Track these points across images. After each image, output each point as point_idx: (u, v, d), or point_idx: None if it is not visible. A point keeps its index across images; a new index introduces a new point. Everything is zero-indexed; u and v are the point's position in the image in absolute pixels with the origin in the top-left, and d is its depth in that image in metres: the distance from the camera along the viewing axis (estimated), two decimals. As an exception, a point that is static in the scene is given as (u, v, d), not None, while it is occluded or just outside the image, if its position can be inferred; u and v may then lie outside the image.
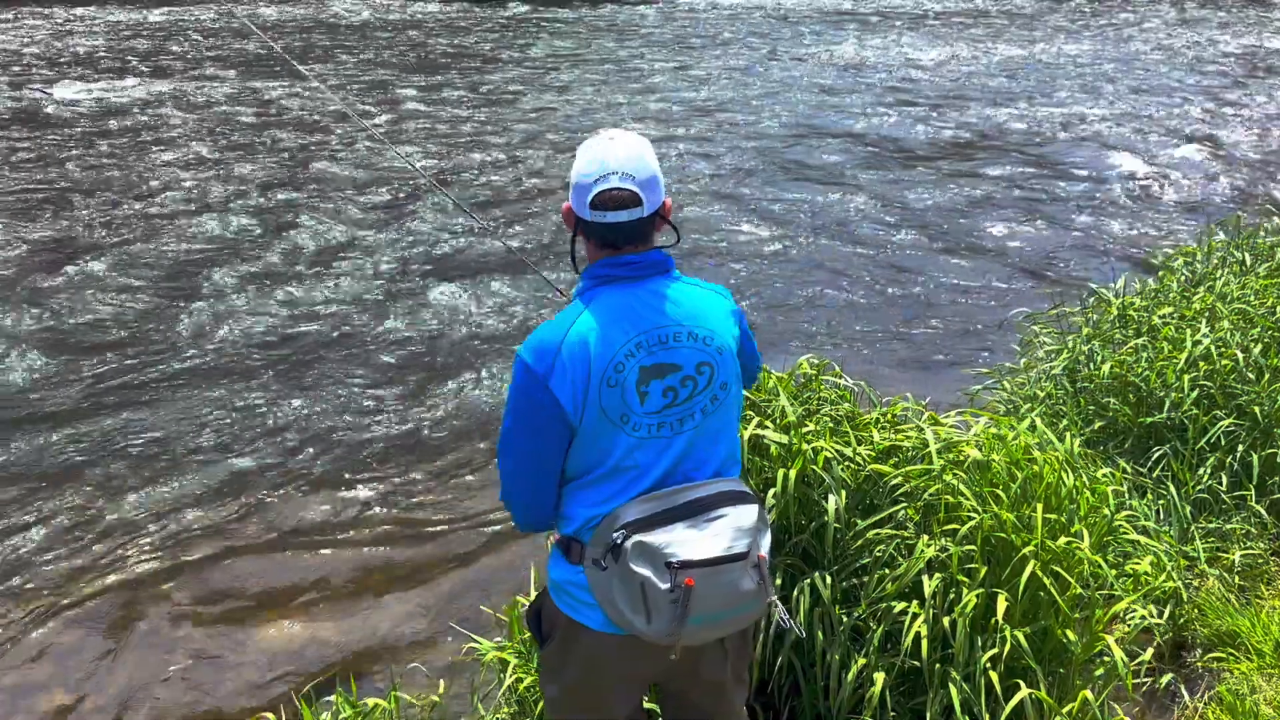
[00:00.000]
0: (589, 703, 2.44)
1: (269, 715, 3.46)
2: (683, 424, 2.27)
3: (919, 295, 8.48)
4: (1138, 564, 3.67)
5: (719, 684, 2.54)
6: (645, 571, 2.13)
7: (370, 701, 3.37)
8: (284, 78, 17.73)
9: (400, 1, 31.36)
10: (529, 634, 2.95)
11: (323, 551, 4.96)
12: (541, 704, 3.11)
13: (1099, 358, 4.95)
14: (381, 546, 5.00)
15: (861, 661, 3.08)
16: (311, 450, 5.86)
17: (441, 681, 3.87)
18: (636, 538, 2.14)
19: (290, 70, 17.43)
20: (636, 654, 2.32)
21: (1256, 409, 4.64)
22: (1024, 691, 2.98)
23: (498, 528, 5.07)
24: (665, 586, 2.11)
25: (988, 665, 3.01)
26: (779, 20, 29.73)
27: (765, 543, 2.28)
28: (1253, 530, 4.39)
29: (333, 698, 3.45)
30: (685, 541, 2.15)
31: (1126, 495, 4.10)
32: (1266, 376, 4.79)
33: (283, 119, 14.84)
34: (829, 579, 3.17)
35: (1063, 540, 3.24)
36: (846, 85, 18.79)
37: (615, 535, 2.16)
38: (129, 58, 19.93)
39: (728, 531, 2.19)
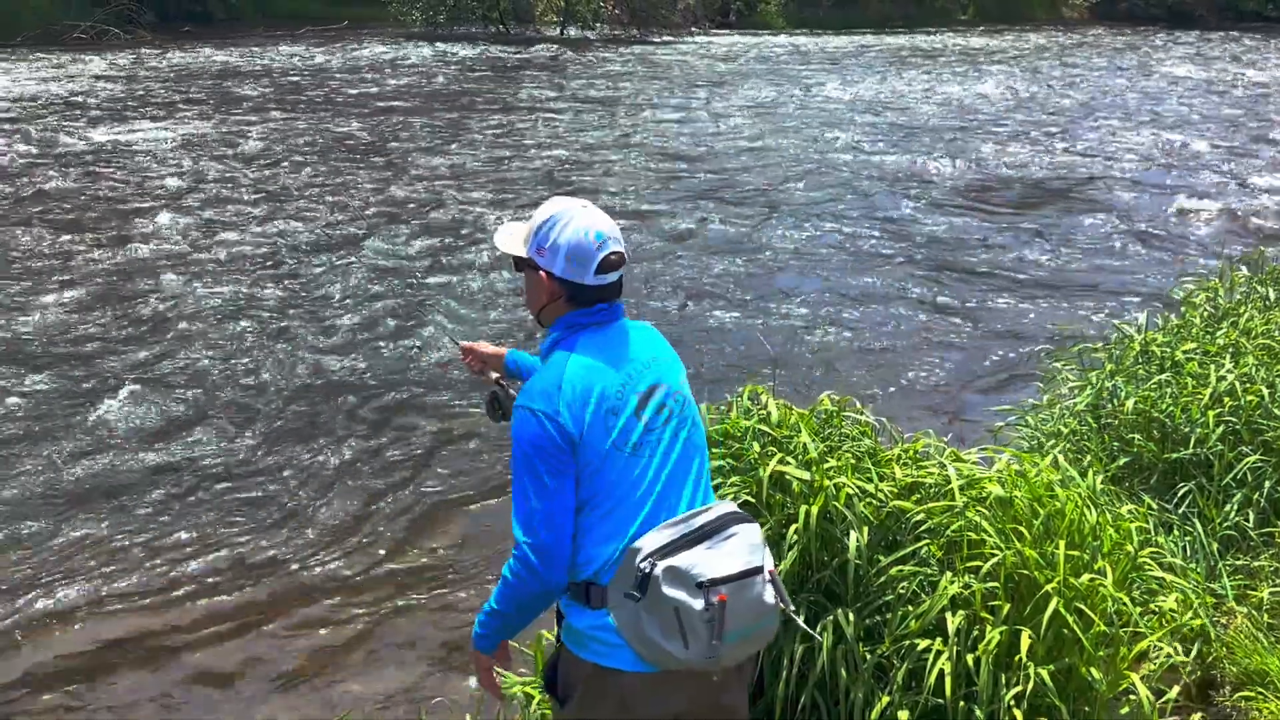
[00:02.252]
0: None
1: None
2: (677, 438, 2.38)
3: (940, 331, 8.45)
4: (1164, 601, 3.63)
5: (736, 717, 2.54)
6: (679, 595, 2.15)
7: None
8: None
9: (419, 48, 31.78)
10: (544, 692, 2.91)
11: (349, 595, 4.93)
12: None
13: (1122, 394, 4.91)
14: (406, 589, 4.97)
15: (885, 700, 3.05)
16: (333, 494, 5.85)
17: (467, 715, 3.88)
18: (665, 563, 2.17)
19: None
20: (667, 690, 2.33)
21: (1285, 446, 4.62)
22: (1049, 729, 2.97)
23: None
24: (700, 606, 2.14)
25: (1012, 703, 2.98)
26: (794, 58, 29.93)
27: (770, 557, 2.33)
28: (1282, 568, 4.35)
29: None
30: (708, 561, 2.20)
31: (1152, 532, 4.05)
32: (1293, 413, 4.76)
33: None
34: (851, 616, 3.15)
35: (1086, 577, 3.22)
36: (862, 120, 18.90)
37: (643, 565, 2.19)
38: (180, 99, 20.29)
39: (743, 549, 2.25)
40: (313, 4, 37.67)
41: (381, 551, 5.26)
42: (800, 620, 2.53)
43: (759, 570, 2.24)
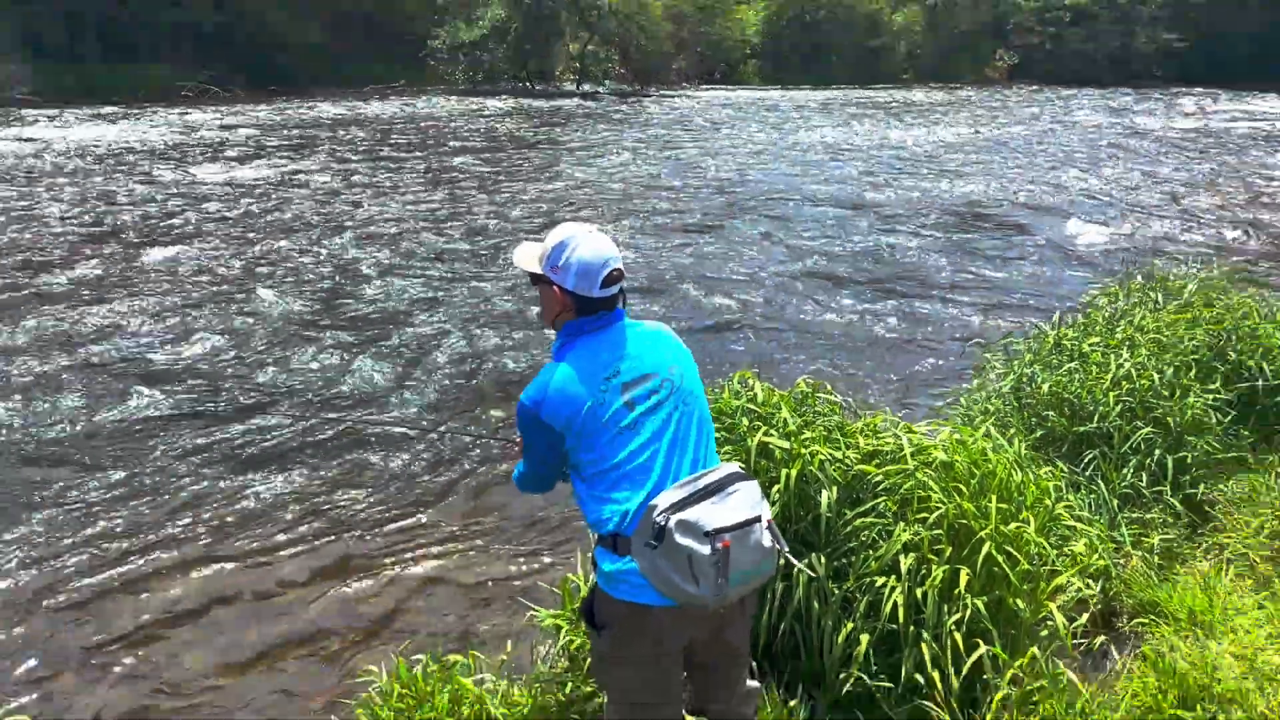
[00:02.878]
0: (652, 668, 2.41)
1: (372, 668, 3.47)
2: (670, 422, 2.38)
3: (894, 330, 8.45)
4: (1075, 546, 3.66)
5: (738, 649, 2.55)
6: (689, 543, 2.17)
7: (452, 658, 3.38)
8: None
9: (462, 102, 31.79)
10: (582, 623, 2.88)
11: (412, 550, 4.92)
12: (588, 655, 3.11)
13: (1039, 379, 4.92)
14: (456, 541, 4.98)
15: (850, 626, 3.07)
16: (389, 472, 5.84)
17: (509, 642, 3.88)
18: (676, 517, 2.18)
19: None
20: (686, 621, 2.34)
21: (1170, 420, 4.62)
22: (982, 649, 2.98)
23: (548, 522, 5.07)
24: (707, 551, 2.15)
25: (952, 628, 3.01)
26: (771, 111, 29.88)
27: (769, 510, 2.34)
28: (1169, 519, 4.35)
29: (421, 656, 3.47)
30: (714, 514, 2.21)
31: (1064, 490, 4.08)
32: (1177, 393, 4.76)
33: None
34: (823, 559, 3.18)
35: (1013, 526, 3.25)
36: (825, 158, 18.86)
37: (659, 519, 2.20)
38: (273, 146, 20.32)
39: (743, 502, 2.26)
40: (375, 67, 37.70)
41: (440, 517, 5.26)
42: (795, 561, 2.58)
43: (758, 519, 2.25)
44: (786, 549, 2.38)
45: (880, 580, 3.09)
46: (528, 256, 2.51)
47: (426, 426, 6.43)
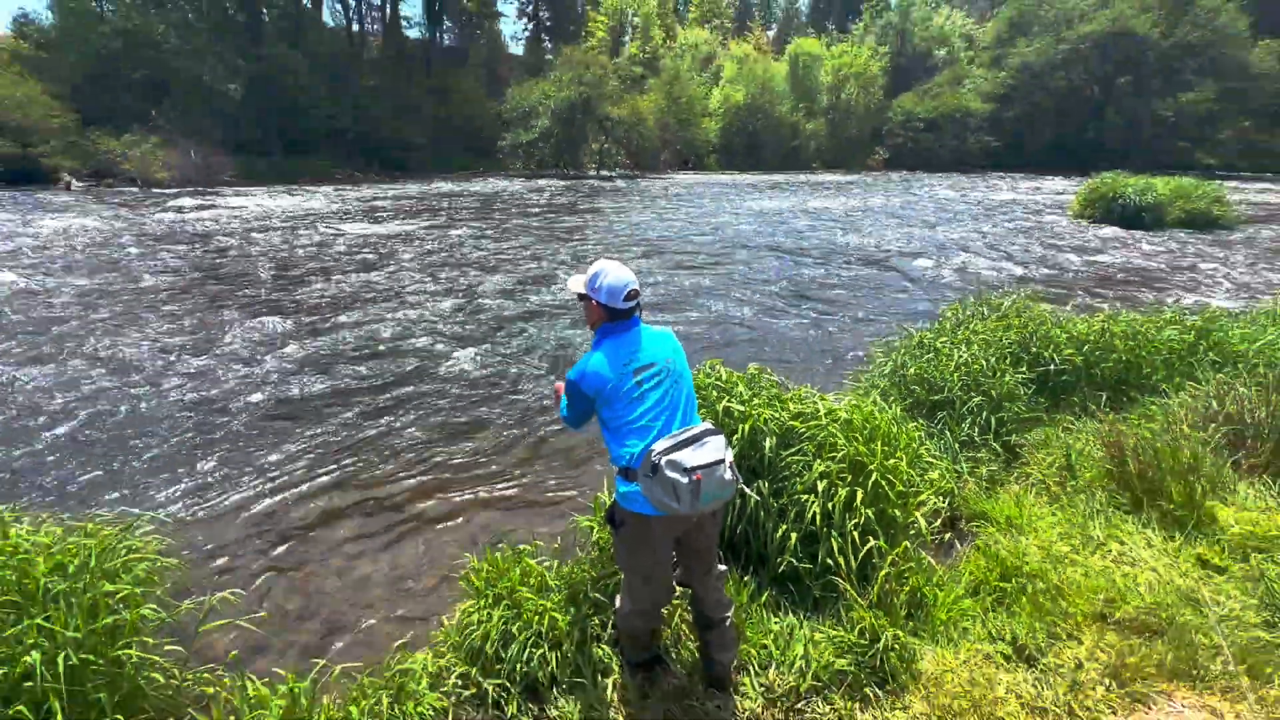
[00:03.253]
0: (648, 555, 2.44)
1: (468, 555, 3.47)
2: (666, 394, 2.37)
3: (812, 332, 8.40)
4: (931, 474, 3.68)
5: (709, 544, 2.56)
6: (674, 475, 2.17)
7: (522, 547, 3.39)
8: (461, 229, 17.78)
9: (523, 182, 31.61)
10: (607, 525, 2.88)
11: (494, 479, 4.84)
12: (610, 548, 3.11)
13: (908, 365, 4.95)
14: (524, 474, 4.94)
15: (784, 528, 3.10)
16: (481, 426, 5.79)
17: (559, 538, 3.90)
18: (667, 458, 2.20)
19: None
20: (672, 525, 2.37)
21: (993, 391, 4.64)
22: (872, 542, 2.99)
23: (584, 462, 4.96)
24: (686, 481, 2.16)
25: (852, 529, 3.02)
26: (727, 188, 29.71)
27: (730, 454, 2.33)
28: (992, 457, 4.38)
29: (502, 544, 3.46)
30: (692, 456, 2.21)
31: (924, 438, 4.10)
32: (998, 374, 4.78)
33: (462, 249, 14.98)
34: (766, 484, 3.19)
35: (891, 461, 3.25)
36: (769, 220, 18.71)
37: (655, 459, 2.21)
38: (387, 212, 20.19)
39: (714, 449, 2.26)
40: (462, 157, 37.42)
41: (514, 458, 5.22)
42: (748, 490, 2.73)
43: (722, 461, 2.25)
44: (741, 481, 2.39)
45: (804, 497, 3.11)
46: (576, 283, 2.52)
47: (507, 387, 6.39)
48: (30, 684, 2.22)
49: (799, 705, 2.61)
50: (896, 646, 2.74)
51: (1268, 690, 2.59)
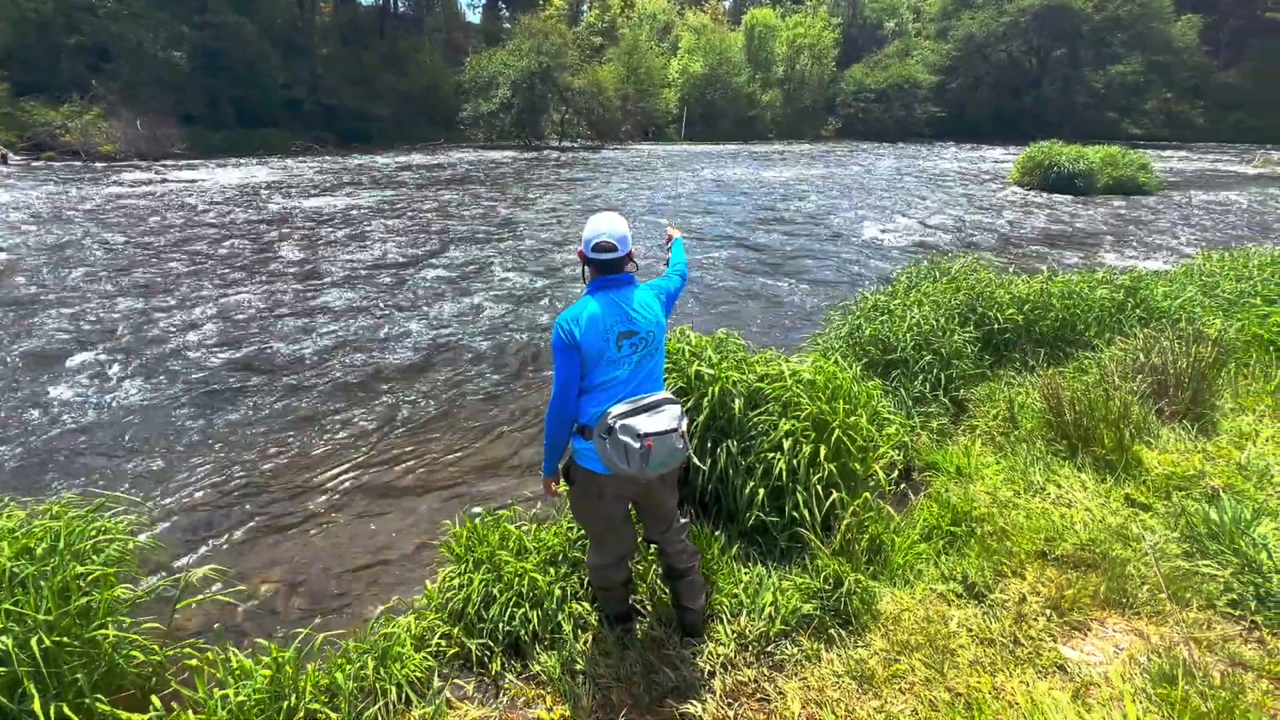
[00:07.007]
0: (601, 510, 2.43)
1: (448, 521, 3.43)
2: (639, 361, 2.32)
3: (774, 297, 8.43)
4: (889, 429, 3.74)
5: (664, 499, 2.55)
6: (627, 439, 2.16)
7: (500, 512, 3.37)
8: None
9: (484, 153, 30.65)
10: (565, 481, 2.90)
11: (475, 451, 4.81)
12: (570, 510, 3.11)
13: (864, 326, 5.00)
14: (503, 444, 4.90)
15: (751, 484, 3.11)
16: (447, 403, 5.71)
17: (537, 504, 3.89)
18: (621, 422, 2.18)
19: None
20: (623, 485, 2.36)
21: (943, 350, 4.73)
22: (835, 495, 3.04)
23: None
24: (637, 446, 2.15)
25: (816, 484, 3.06)
26: (687, 157, 29.38)
27: (684, 423, 2.30)
28: (942, 412, 4.48)
29: (480, 510, 3.44)
30: (647, 423, 2.19)
31: (881, 395, 4.17)
32: (947, 334, 4.88)
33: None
34: (734, 443, 3.20)
35: (853, 418, 3.29)
36: (727, 187, 18.62)
37: (611, 421, 2.19)
38: (348, 186, 19.38)
39: (667, 418, 2.24)
40: (424, 129, 36.00)
41: (494, 432, 5.17)
42: (695, 460, 2.65)
43: (675, 430, 2.22)
44: (690, 452, 2.38)
45: (771, 455, 3.12)
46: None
47: (482, 357, 6.25)
48: (4, 669, 2.12)
49: (769, 648, 2.68)
50: (858, 590, 2.82)
51: (1186, 613, 2.76)
